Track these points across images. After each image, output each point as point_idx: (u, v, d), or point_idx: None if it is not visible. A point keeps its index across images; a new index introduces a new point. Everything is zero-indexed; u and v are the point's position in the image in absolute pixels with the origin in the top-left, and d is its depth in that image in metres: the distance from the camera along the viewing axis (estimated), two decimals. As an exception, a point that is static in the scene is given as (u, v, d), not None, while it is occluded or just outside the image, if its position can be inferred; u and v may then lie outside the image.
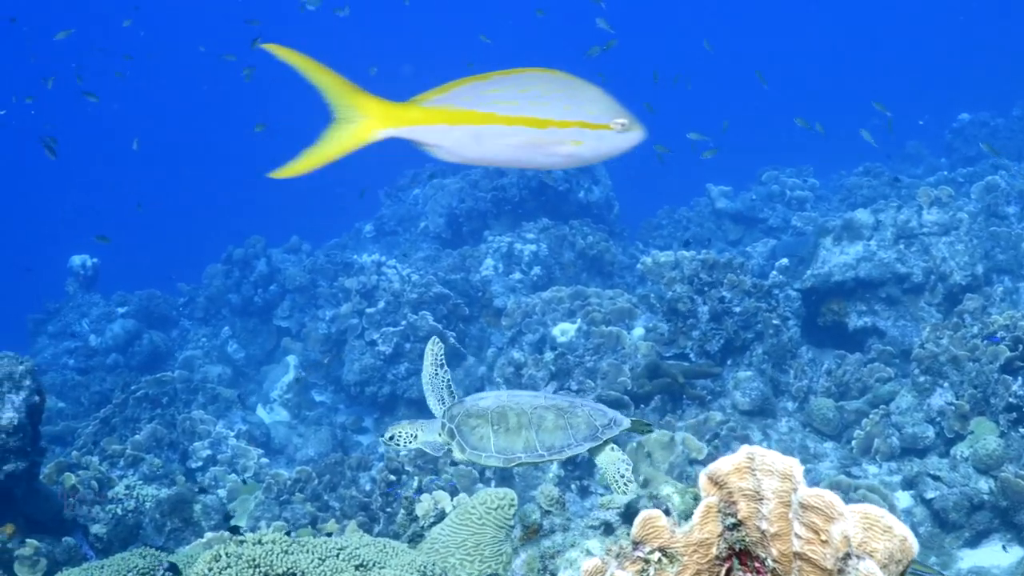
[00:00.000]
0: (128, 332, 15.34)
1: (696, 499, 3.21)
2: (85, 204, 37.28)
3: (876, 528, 1.45)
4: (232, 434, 11.25)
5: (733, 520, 1.69)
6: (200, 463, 10.61)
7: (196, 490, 9.22)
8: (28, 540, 6.77)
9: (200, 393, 12.76)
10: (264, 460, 10.88)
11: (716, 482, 1.70)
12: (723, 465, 1.68)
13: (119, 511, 8.30)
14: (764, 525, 1.62)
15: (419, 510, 5.44)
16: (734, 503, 1.68)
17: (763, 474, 1.61)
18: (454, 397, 4.10)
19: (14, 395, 6.71)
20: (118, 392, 11.96)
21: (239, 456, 10.72)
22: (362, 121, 2.42)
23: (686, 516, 3.19)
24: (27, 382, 6.81)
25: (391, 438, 4.03)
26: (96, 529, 8.05)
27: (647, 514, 1.72)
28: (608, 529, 3.79)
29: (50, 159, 12.36)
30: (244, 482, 9.72)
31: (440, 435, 3.96)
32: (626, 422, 3.88)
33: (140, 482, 8.97)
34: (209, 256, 17.51)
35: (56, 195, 38.48)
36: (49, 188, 37.90)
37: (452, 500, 5.55)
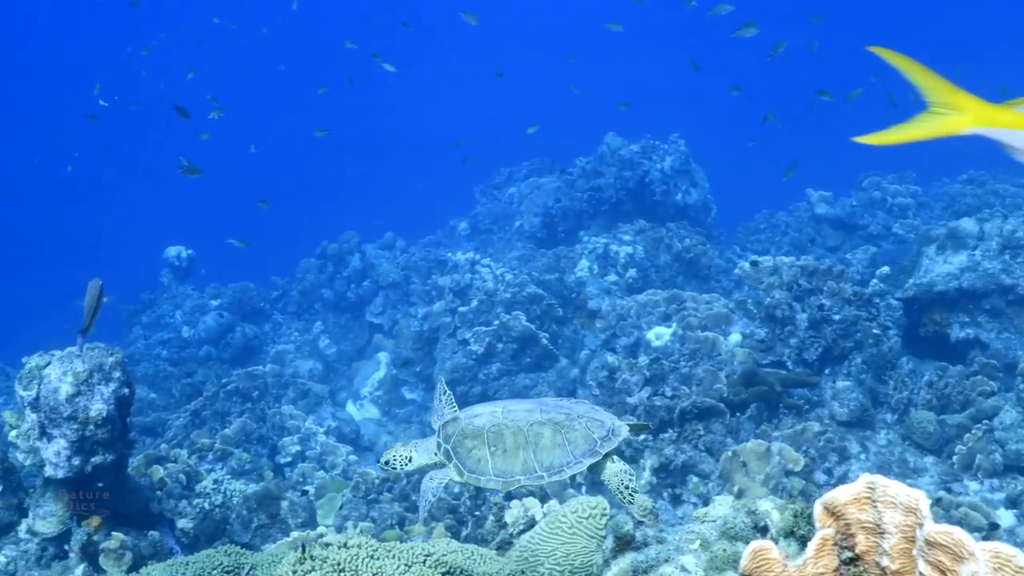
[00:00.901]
0: (221, 325, 15.47)
1: (796, 516, 3.10)
2: (175, 197, 37.77)
3: (1007, 569, 1.34)
4: (321, 430, 11.30)
5: (850, 554, 1.57)
6: (289, 459, 10.65)
7: (300, 492, 9.24)
8: (114, 533, 6.80)
9: (291, 388, 12.85)
10: (352, 457, 10.90)
11: (833, 513, 1.58)
12: (840, 494, 1.57)
13: (206, 505, 8.32)
14: (885, 561, 1.51)
15: (508, 517, 5.36)
16: (852, 536, 1.56)
17: (885, 506, 1.50)
18: (453, 406, 4.10)
19: (103, 387, 6.72)
20: (209, 385, 12.06)
21: (328, 453, 10.73)
22: (956, 116, 2.61)
23: (785, 534, 3.07)
24: (116, 374, 6.82)
25: (386, 463, 4.01)
26: (183, 523, 8.07)
27: (758, 546, 1.61)
28: (704, 544, 3.67)
29: (190, 176, 12.50)
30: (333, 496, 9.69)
31: (436, 455, 3.94)
32: (624, 431, 3.87)
33: (228, 476, 8.99)
34: (303, 250, 17.64)
35: (149, 187, 39.02)
36: (143, 179, 38.46)
37: (543, 507, 5.46)
